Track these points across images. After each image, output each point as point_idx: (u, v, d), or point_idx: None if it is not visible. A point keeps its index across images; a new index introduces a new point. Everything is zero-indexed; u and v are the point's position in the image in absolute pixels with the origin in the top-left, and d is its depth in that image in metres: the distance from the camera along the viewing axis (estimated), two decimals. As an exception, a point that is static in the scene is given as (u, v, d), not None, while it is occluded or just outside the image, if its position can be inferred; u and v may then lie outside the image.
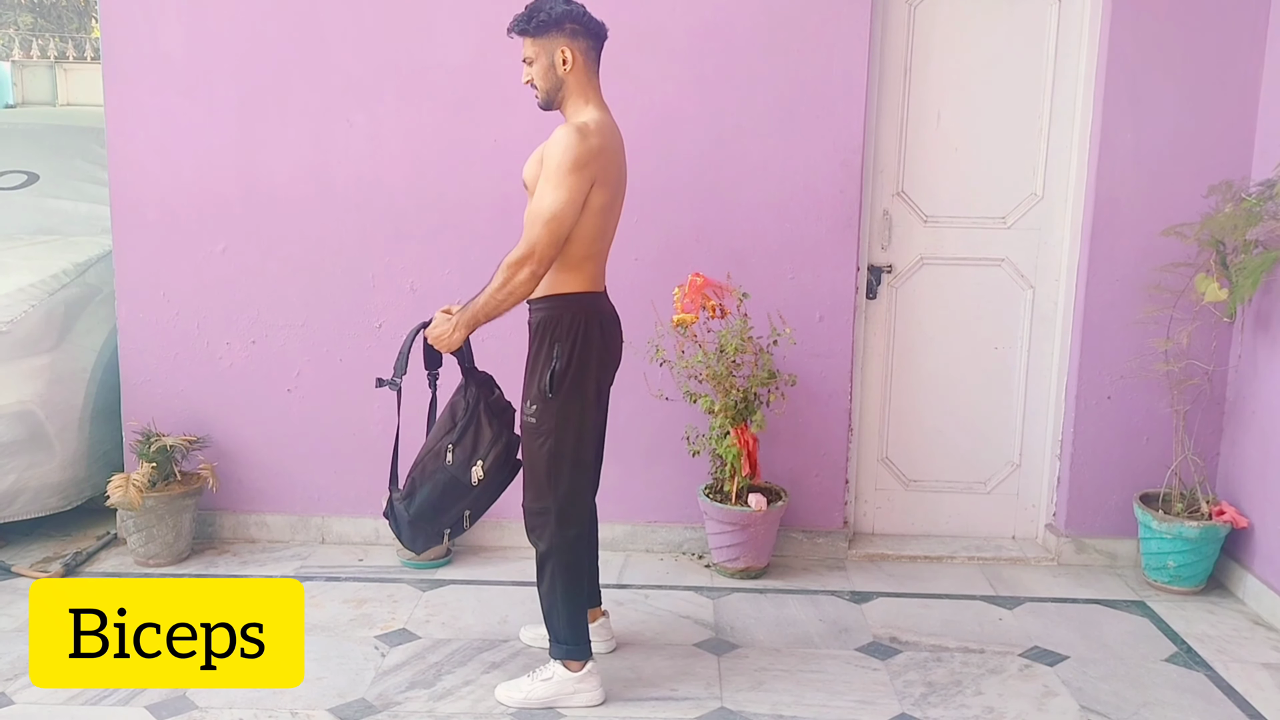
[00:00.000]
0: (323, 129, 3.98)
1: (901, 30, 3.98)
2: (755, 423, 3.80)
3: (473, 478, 2.92)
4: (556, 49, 2.81)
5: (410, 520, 2.98)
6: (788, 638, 3.47)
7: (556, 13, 2.79)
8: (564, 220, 2.73)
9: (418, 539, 3.05)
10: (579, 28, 2.82)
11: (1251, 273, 3.58)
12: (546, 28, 2.80)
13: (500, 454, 2.95)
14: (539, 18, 2.80)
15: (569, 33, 2.81)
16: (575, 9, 2.82)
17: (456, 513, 3.00)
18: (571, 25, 2.81)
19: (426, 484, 2.95)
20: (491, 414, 2.97)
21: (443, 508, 2.97)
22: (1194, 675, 3.26)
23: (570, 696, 2.99)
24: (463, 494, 2.95)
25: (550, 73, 2.83)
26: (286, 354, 4.11)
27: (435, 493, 2.95)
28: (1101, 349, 3.98)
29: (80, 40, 12.79)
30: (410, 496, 2.97)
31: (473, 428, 2.94)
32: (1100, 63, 3.87)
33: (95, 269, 4.38)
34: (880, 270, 4.12)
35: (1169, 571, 3.83)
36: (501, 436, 2.96)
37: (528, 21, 2.81)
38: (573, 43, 2.81)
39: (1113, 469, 4.05)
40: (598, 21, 2.86)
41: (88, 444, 4.15)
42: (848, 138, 3.90)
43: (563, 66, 2.82)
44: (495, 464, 2.95)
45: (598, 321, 2.91)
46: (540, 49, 2.82)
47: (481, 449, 2.93)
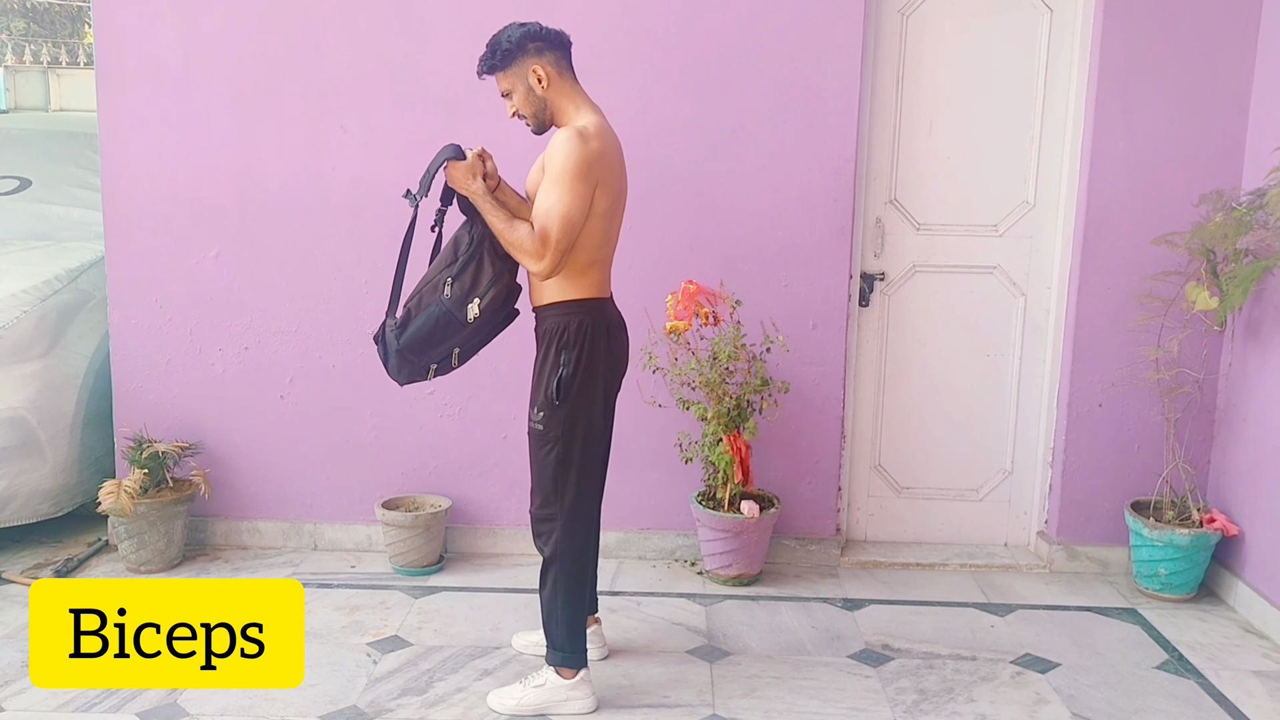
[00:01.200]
0: (316, 135, 3.98)
1: (894, 40, 4.00)
2: (748, 430, 3.80)
3: (468, 314, 2.84)
4: (528, 72, 2.83)
5: (399, 349, 2.90)
6: (780, 645, 3.47)
7: (515, 38, 2.81)
8: (573, 224, 2.73)
9: (403, 370, 2.95)
10: (542, 44, 2.83)
11: (1242, 281, 3.59)
12: (511, 56, 2.82)
13: (498, 295, 2.86)
14: (501, 49, 2.82)
15: (534, 52, 2.82)
16: (531, 28, 2.83)
17: (446, 349, 2.91)
18: (534, 44, 2.82)
19: (420, 315, 2.86)
20: (495, 253, 2.87)
21: (433, 342, 2.88)
22: (1185, 683, 3.27)
23: (563, 704, 2.99)
24: (455, 330, 2.86)
25: (531, 96, 2.85)
26: (279, 360, 4.10)
27: (428, 325, 2.86)
28: (1093, 357, 4.00)
29: (73, 46, 12.77)
30: (404, 326, 2.88)
31: (474, 264, 2.86)
32: (1091, 72, 3.89)
33: (88, 275, 4.37)
34: (873, 278, 4.13)
35: (1160, 579, 3.84)
36: (502, 278, 2.87)
37: (493, 57, 2.84)
38: (540, 60, 2.83)
39: (1104, 476, 4.06)
40: (556, 31, 2.87)
41: (79, 450, 4.14)
42: (841, 146, 3.91)
43: (540, 86, 2.83)
44: (491, 304, 2.86)
45: (604, 328, 2.91)
46: (514, 79, 2.85)
47: (480, 287, 2.85)
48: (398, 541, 3.94)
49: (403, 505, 4.05)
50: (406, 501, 4.07)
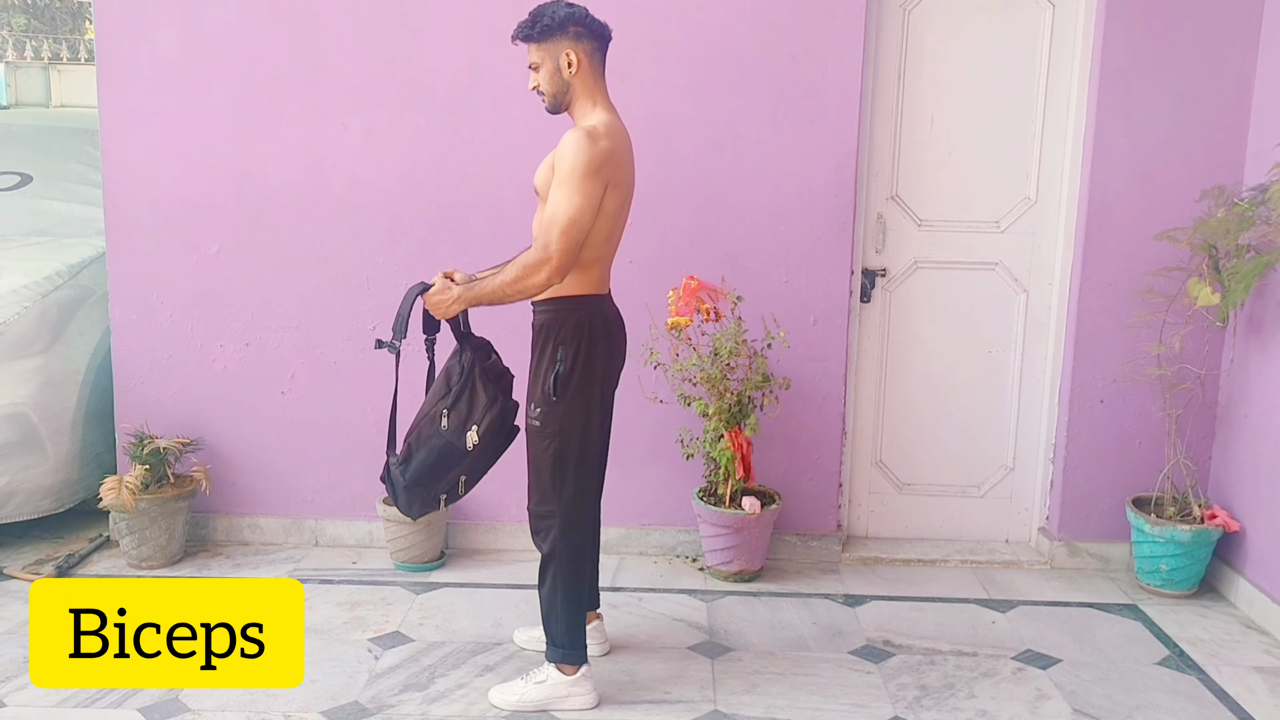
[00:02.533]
0: (317, 132, 3.98)
1: (896, 35, 4.00)
2: (749, 426, 3.80)
3: (468, 443, 2.87)
4: (561, 53, 2.80)
5: (406, 485, 2.93)
6: (781, 641, 3.47)
7: (560, 16, 2.78)
8: (582, 226, 2.72)
9: (414, 504, 2.99)
10: (583, 30, 2.81)
11: (1244, 277, 3.59)
12: (550, 32, 2.79)
13: (495, 419, 2.90)
14: (543, 22, 2.79)
15: (573, 35, 2.80)
16: (578, 11, 2.81)
17: (452, 478, 2.95)
18: (575, 28, 2.80)
19: (422, 449, 2.89)
20: (487, 378, 2.91)
21: (438, 473, 2.92)
22: (1186, 679, 3.27)
23: (564, 700, 2.99)
24: (458, 459, 2.90)
25: (556, 77, 2.83)
26: (280, 356, 4.10)
27: (430, 458, 2.89)
28: (1094, 353, 3.99)
29: (74, 42, 12.77)
30: (406, 462, 2.91)
31: (467, 392, 2.89)
32: (1093, 67, 3.88)
33: (89, 271, 4.37)
34: (874, 274, 4.13)
35: (1161, 575, 3.83)
36: (497, 401, 2.90)
37: (532, 27, 2.81)
38: (577, 45, 2.80)
39: (1105, 473, 4.06)
40: (601, 23, 2.85)
41: (80, 446, 4.14)
42: (842, 142, 3.91)
43: (568, 70, 2.81)
44: (490, 429, 2.89)
45: (602, 324, 2.91)
46: (545, 54, 2.82)
47: (476, 414, 2.88)
48: (399, 538, 3.94)
49: (404, 501, 4.04)
50: (408, 498, 4.07)
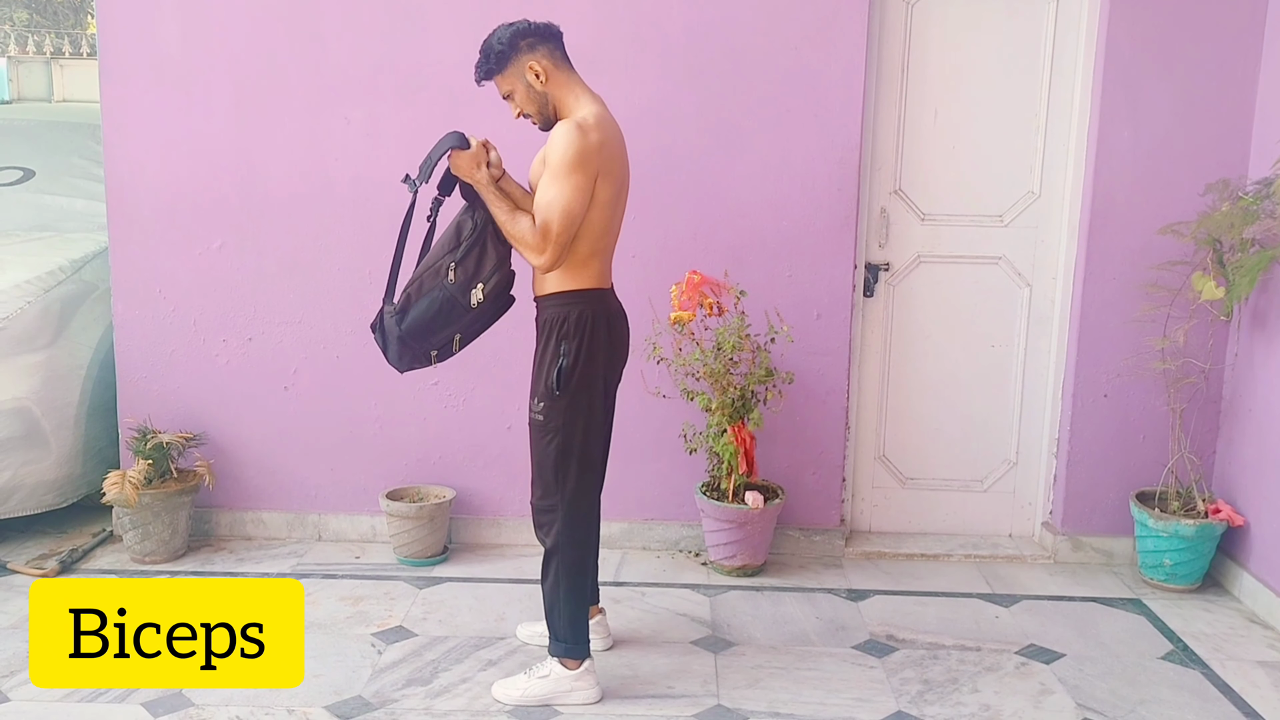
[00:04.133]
0: (320, 126, 3.97)
1: (899, 28, 3.98)
2: (752, 420, 3.80)
3: (472, 300, 2.83)
4: (524, 70, 2.82)
5: (400, 336, 2.88)
6: (784, 635, 3.47)
7: (506, 39, 2.80)
8: (574, 217, 2.73)
9: (404, 356, 2.94)
10: (533, 39, 2.82)
11: (1248, 271, 3.58)
12: (505, 58, 2.81)
13: (502, 281, 2.86)
14: (494, 52, 2.81)
15: (527, 49, 2.81)
16: (520, 25, 2.82)
17: (448, 335, 2.90)
18: (525, 40, 2.81)
19: (423, 300, 2.85)
20: (498, 239, 2.87)
21: (435, 327, 2.88)
22: (1190, 673, 3.27)
23: (567, 694, 2.99)
24: (458, 316, 2.86)
25: (531, 93, 2.84)
26: (283, 351, 4.10)
27: (431, 310, 2.85)
28: (1098, 347, 3.99)
29: (76, 36, 12.76)
30: (404, 312, 2.87)
31: (477, 249, 2.85)
32: (1097, 61, 3.87)
33: (91, 265, 4.37)
34: (877, 268, 4.12)
35: (1165, 569, 3.83)
36: (505, 263, 2.87)
37: (488, 61, 2.83)
38: (534, 55, 2.81)
39: (1109, 467, 4.05)
40: (544, 24, 2.86)
41: (83, 441, 4.15)
42: (845, 136, 3.90)
43: (539, 82, 2.82)
44: (495, 290, 2.85)
45: (605, 319, 2.90)
46: (513, 79, 2.84)
47: (484, 272, 2.84)
48: (402, 532, 3.95)
49: (407, 496, 4.05)
50: (410, 492, 4.07)
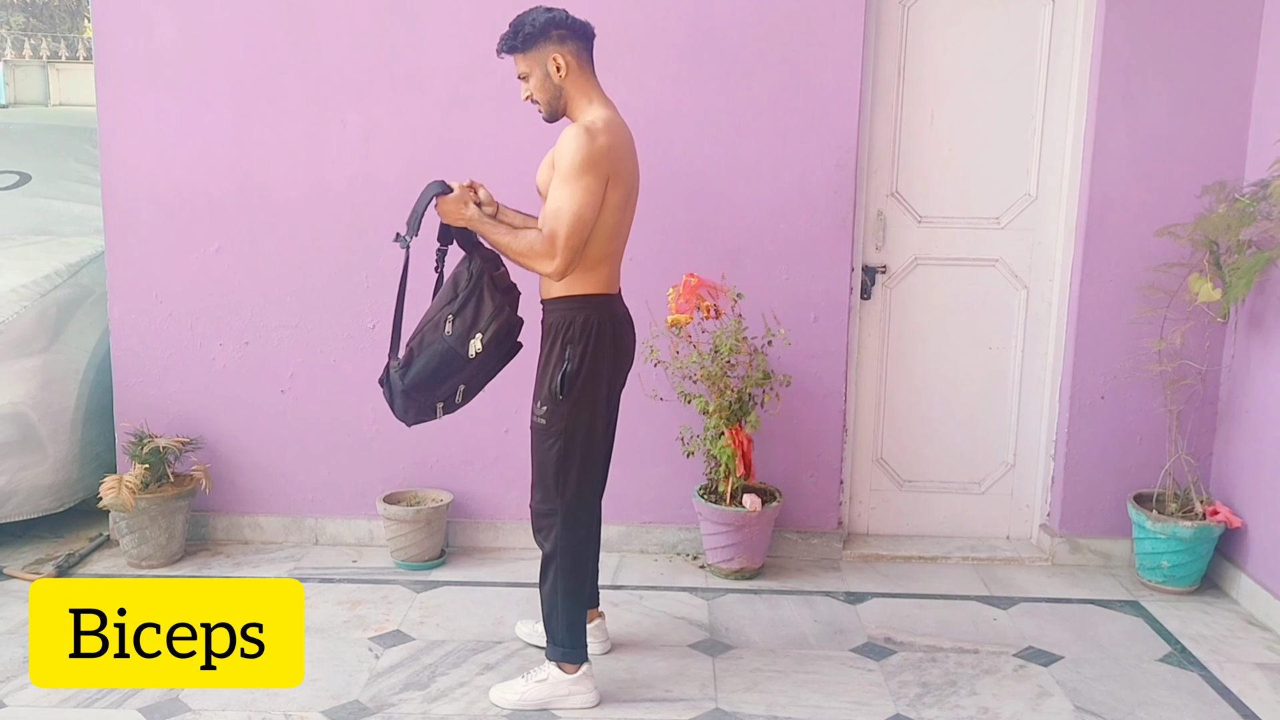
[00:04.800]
0: (317, 129, 3.97)
1: (895, 30, 3.99)
2: (750, 423, 3.79)
3: (470, 350, 2.84)
4: (548, 58, 2.80)
5: (404, 390, 2.89)
6: (783, 639, 3.47)
7: (540, 23, 2.78)
8: (585, 222, 2.73)
9: (410, 410, 2.95)
10: (565, 32, 2.81)
11: (1245, 273, 3.58)
12: (533, 40, 2.79)
13: (500, 329, 2.86)
14: (524, 32, 2.79)
15: (556, 39, 2.80)
16: (558, 14, 2.81)
17: (452, 386, 2.92)
18: (558, 31, 2.80)
19: (424, 354, 2.87)
20: (495, 287, 2.88)
21: (438, 380, 2.88)
22: (1188, 675, 3.27)
23: (565, 698, 2.98)
24: (459, 367, 2.87)
25: (547, 83, 2.83)
26: (280, 355, 4.10)
27: (432, 363, 2.86)
28: (1095, 349, 3.99)
29: (73, 40, 12.75)
30: (407, 366, 2.88)
31: (474, 300, 2.86)
32: (1094, 62, 3.87)
33: (88, 270, 4.36)
34: (875, 271, 4.12)
35: (1163, 571, 3.83)
36: (503, 311, 2.87)
37: (514, 38, 2.81)
38: (562, 48, 2.80)
39: (1107, 469, 4.05)
40: (582, 22, 2.85)
41: (80, 445, 4.14)
42: (842, 138, 3.90)
43: (557, 74, 2.81)
44: (494, 339, 2.86)
45: (610, 324, 2.90)
46: (532, 62, 2.82)
47: (482, 322, 2.85)
48: (399, 536, 3.94)
49: (404, 500, 4.04)
50: (408, 496, 4.07)
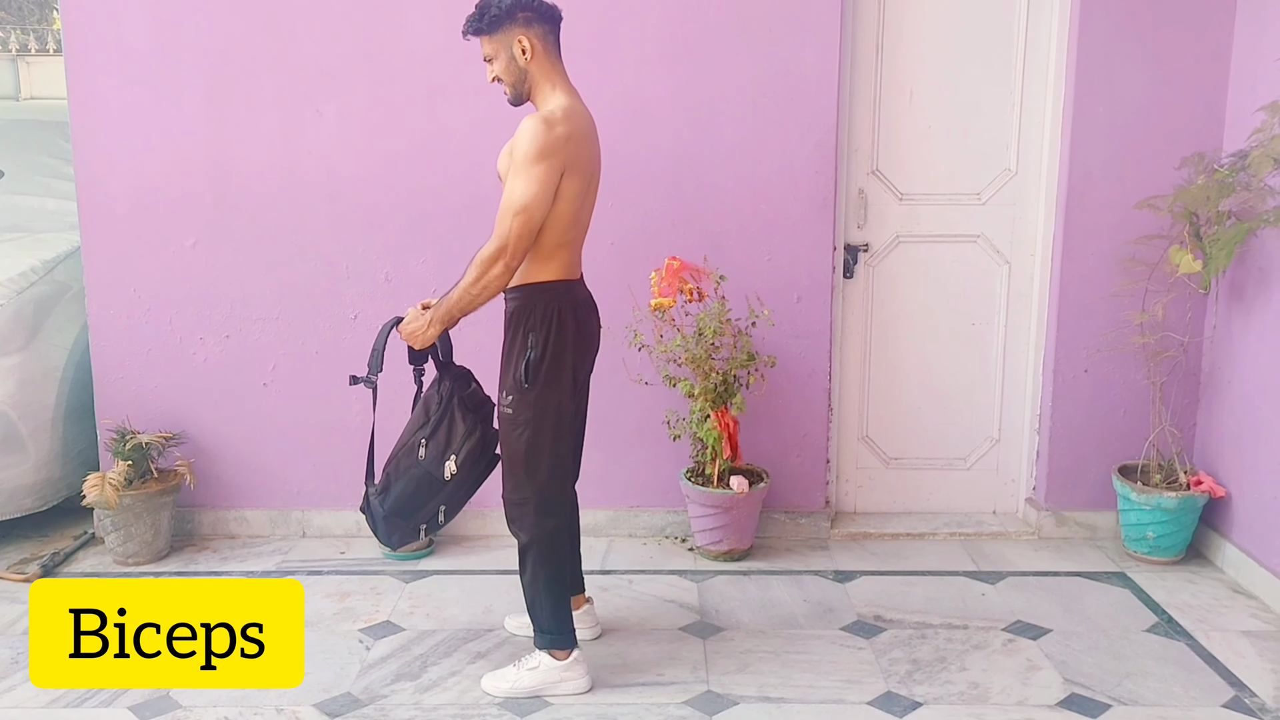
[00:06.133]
0: (292, 120, 3.93)
1: (873, 8, 3.97)
2: (735, 405, 3.79)
3: (445, 473, 2.89)
4: (513, 41, 2.79)
5: (385, 516, 2.94)
6: (772, 619, 3.48)
7: (506, 5, 2.77)
8: (534, 211, 2.71)
9: (393, 535, 3.00)
10: (532, 15, 2.79)
11: (1225, 244, 3.59)
12: (499, 22, 2.78)
13: (474, 448, 2.91)
14: (490, 13, 2.78)
15: (523, 21, 2.79)
16: None
17: (431, 508, 2.96)
18: (524, 14, 2.78)
19: (400, 479, 2.91)
20: (466, 408, 2.93)
21: (417, 504, 2.93)
22: (1175, 645, 3.29)
23: (557, 685, 2.99)
24: (436, 490, 2.91)
25: (512, 65, 2.82)
26: (261, 347, 4.07)
27: (409, 488, 2.91)
28: (1078, 323, 4.00)
29: (42, 32, 12.58)
30: (385, 492, 2.93)
31: (446, 422, 2.91)
32: (1071, 37, 3.86)
33: (64, 266, 4.31)
34: (857, 249, 4.12)
35: (1148, 542, 3.85)
36: (475, 430, 2.92)
37: (480, 19, 2.80)
38: (528, 31, 2.79)
39: (1091, 442, 4.07)
40: (549, 5, 2.84)
41: (62, 444, 4.10)
42: (822, 118, 3.88)
43: (523, 57, 2.80)
44: (469, 459, 2.91)
45: (572, 309, 2.88)
46: (498, 45, 2.81)
47: (455, 444, 2.89)
48: (387, 526, 3.93)
49: (391, 490, 4.02)
50: (394, 486, 4.05)
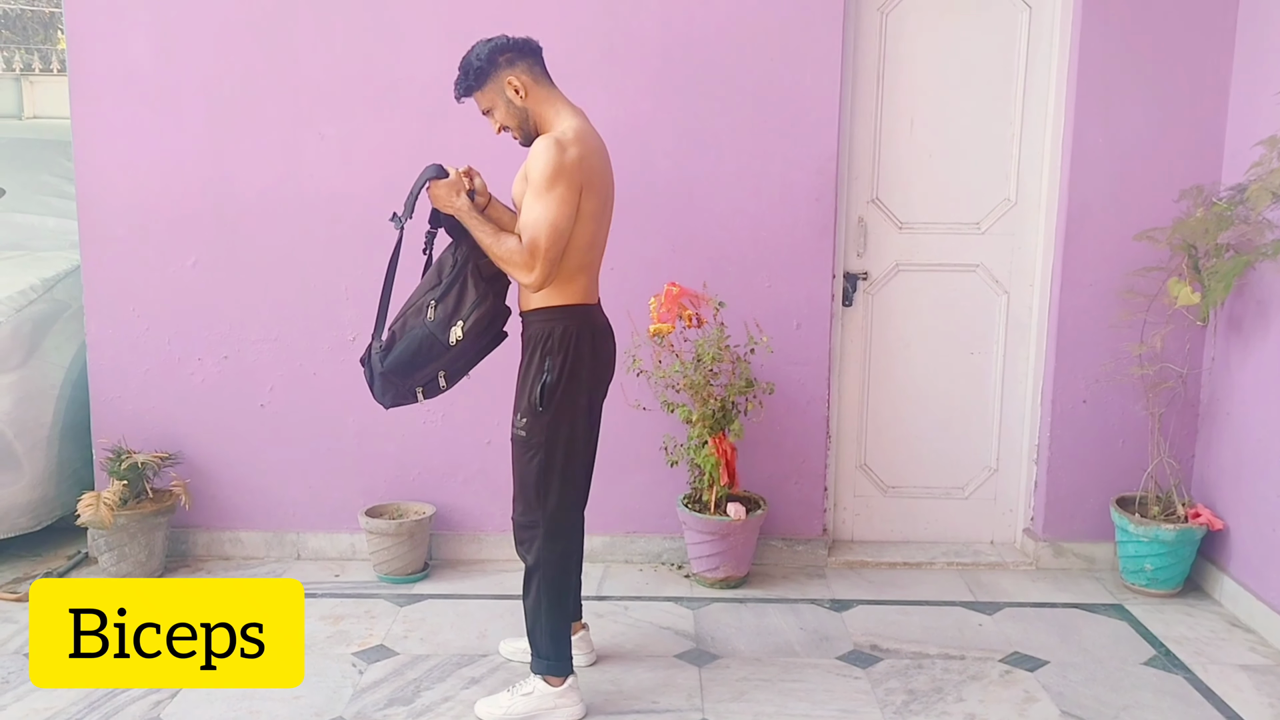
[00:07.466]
0: (293, 141, 3.94)
1: (874, 38, 3.99)
2: (733, 431, 3.79)
3: (451, 338, 2.81)
4: (504, 86, 2.81)
5: (383, 372, 2.87)
6: (769, 647, 3.46)
7: (485, 55, 2.80)
8: (562, 233, 2.71)
9: (388, 393, 2.92)
10: (512, 54, 2.82)
11: (1224, 277, 3.60)
12: (485, 74, 2.81)
13: (483, 317, 2.83)
14: (473, 69, 2.81)
15: (506, 64, 2.81)
16: (498, 41, 2.82)
17: (431, 372, 2.88)
18: (504, 56, 2.81)
19: (404, 338, 2.84)
20: (480, 275, 2.85)
21: (417, 365, 2.86)
22: (1173, 678, 3.27)
23: (551, 712, 2.96)
24: (439, 353, 2.84)
25: (512, 109, 2.84)
26: (259, 368, 4.06)
27: (411, 348, 2.83)
28: (1076, 353, 4.00)
29: (46, 52, 12.64)
30: (388, 349, 2.86)
31: (457, 286, 2.84)
32: (1071, 68, 3.89)
33: (63, 284, 4.32)
34: (856, 277, 4.12)
35: (1146, 574, 3.84)
36: (486, 299, 2.84)
37: (467, 79, 2.83)
38: (514, 71, 2.81)
39: (1089, 473, 4.07)
40: (523, 39, 2.85)
41: (57, 462, 4.09)
42: (822, 146, 3.90)
43: (518, 97, 2.82)
44: (476, 327, 2.83)
45: (590, 335, 2.88)
46: (492, 95, 2.84)
47: (464, 310, 2.82)
48: (381, 549, 3.91)
49: (386, 513, 4.01)
50: (390, 509, 4.04)
